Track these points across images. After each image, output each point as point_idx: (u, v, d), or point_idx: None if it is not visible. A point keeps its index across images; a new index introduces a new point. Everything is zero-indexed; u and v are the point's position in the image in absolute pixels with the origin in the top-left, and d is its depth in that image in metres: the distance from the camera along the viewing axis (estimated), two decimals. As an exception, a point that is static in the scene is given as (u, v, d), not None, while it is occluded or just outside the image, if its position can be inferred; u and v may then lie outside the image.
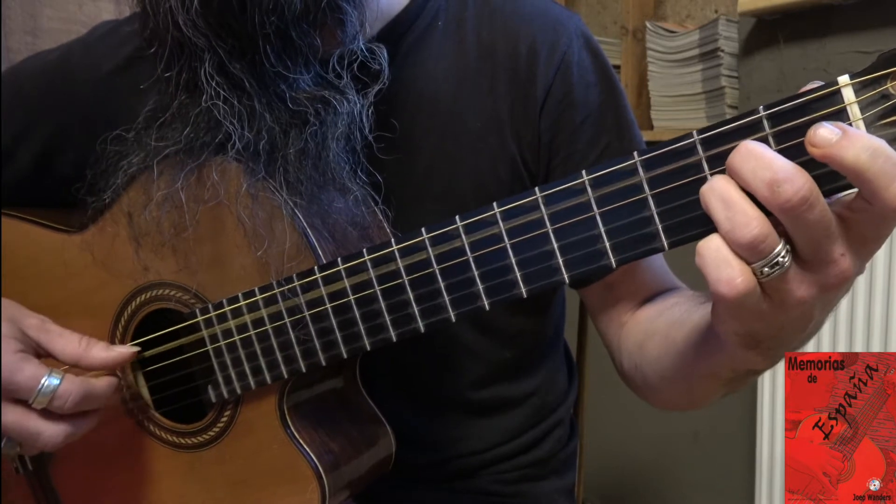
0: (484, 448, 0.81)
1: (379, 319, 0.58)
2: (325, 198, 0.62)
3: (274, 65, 0.60)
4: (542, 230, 0.50)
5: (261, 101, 0.61)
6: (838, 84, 0.41)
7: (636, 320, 0.71)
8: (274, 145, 0.61)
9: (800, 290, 0.42)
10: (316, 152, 0.61)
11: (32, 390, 0.60)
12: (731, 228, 0.41)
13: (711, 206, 0.42)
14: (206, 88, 0.60)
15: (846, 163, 0.38)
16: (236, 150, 0.60)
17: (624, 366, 0.72)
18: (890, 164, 0.38)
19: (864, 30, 1.36)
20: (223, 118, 0.60)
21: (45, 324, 0.65)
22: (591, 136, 0.72)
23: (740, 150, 0.40)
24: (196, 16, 0.58)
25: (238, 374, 0.64)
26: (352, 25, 0.62)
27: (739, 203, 0.41)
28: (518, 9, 0.74)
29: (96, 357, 0.64)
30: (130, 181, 0.65)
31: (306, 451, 0.63)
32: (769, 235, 0.40)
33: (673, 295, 0.71)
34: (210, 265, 0.64)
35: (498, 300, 0.53)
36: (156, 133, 0.64)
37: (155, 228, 0.64)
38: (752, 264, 0.41)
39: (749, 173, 0.40)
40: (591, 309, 0.77)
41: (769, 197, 0.39)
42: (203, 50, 0.60)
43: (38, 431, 0.61)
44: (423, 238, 0.55)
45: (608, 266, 0.48)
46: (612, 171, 0.47)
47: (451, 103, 0.72)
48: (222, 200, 0.61)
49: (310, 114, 0.62)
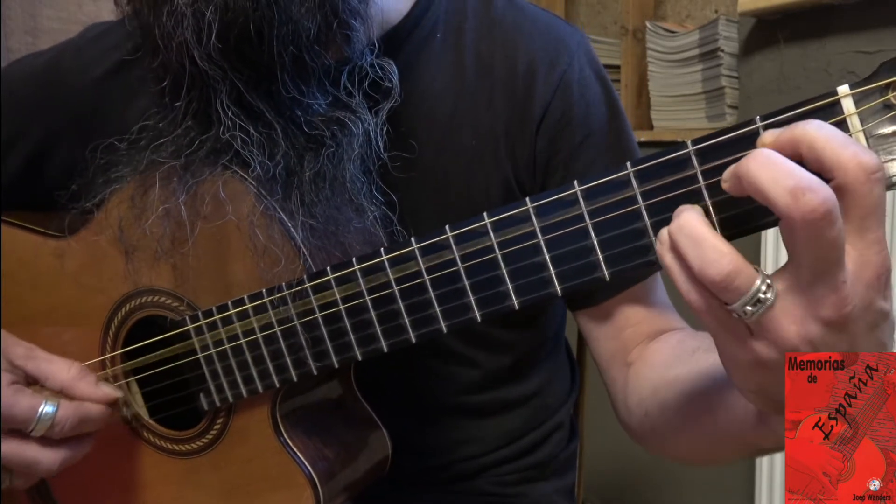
0: (484, 451, 0.81)
1: (370, 330, 0.57)
2: (341, 219, 0.61)
3: (290, 91, 0.60)
4: (534, 241, 0.49)
5: (278, 127, 0.60)
6: (838, 94, 0.40)
7: (648, 363, 0.67)
8: (290, 170, 0.60)
9: (793, 327, 0.39)
10: (332, 174, 0.61)
11: (31, 420, 0.60)
12: (701, 267, 0.38)
13: (681, 246, 0.39)
14: (222, 119, 0.59)
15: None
16: (255, 175, 0.60)
17: (632, 410, 0.68)
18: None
19: (864, 30, 1.35)
20: (241, 147, 0.59)
21: (31, 351, 0.65)
22: (590, 157, 0.70)
23: (757, 157, 0.37)
24: (213, 49, 0.57)
25: (230, 383, 0.64)
26: (358, 40, 0.62)
27: (709, 240, 0.39)
28: (519, 23, 0.72)
29: (83, 392, 0.64)
30: (118, 191, 0.65)
31: (300, 458, 0.63)
32: (743, 271, 0.38)
33: (690, 338, 0.65)
34: (209, 280, 0.63)
35: (489, 312, 0.52)
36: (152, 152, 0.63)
37: (151, 240, 0.63)
38: (733, 305, 0.39)
39: (769, 180, 0.36)
40: (591, 341, 0.74)
41: (791, 205, 0.35)
42: (219, 81, 0.59)
43: (36, 460, 0.61)
44: (412, 248, 0.54)
45: (601, 279, 0.48)
46: (605, 181, 0.46)
47: (449, 119, 0.70)
48: (230, 217, 0.60)
49: (326, 136, 0.61)
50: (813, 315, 0.38)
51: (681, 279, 0.41)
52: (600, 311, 0.71)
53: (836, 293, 0.38)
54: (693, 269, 0.39)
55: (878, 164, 0.36)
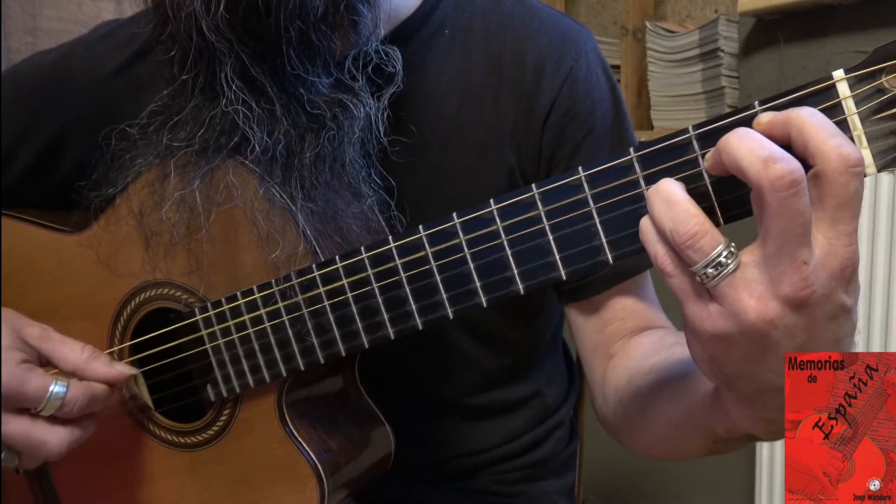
0: (484, 449, 0.81)
1: (377, 317, 0.58)
2: (340, 203, 0.62)
3: (294, 68, 0.60)
4: (539, 226, 0.50)
5: (280, 104, 0.60)
6: (833, 79, 0.41)
7: (628, 355, 0.68)
8: (290, 150, 0.61)
9: (752, 301, 0.40)
10: (332, 156, 0.61)
11: (41, 399, 0.61)
12: (672, 227, 0.40)
13: (654, 206, 0.42)
14: (225, 92, 0.60)
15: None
16: (255, 154, 0.60)
17: (608, 400, 0.69)
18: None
19: (864, 30, 1.36)
20: (242, 122, 0.60)
21: (46, 332, 0.65)
22: (592, 153, 0.70)
23: (738, 131, 0.40)
24: (220, 20, 0.57)
25: (237, 373, 0.64)
26: (365, 27, 0.62)
27: (681, 202, 0.41)
28: (527, 22, 0.73)
29: (97, 370, 0.64)
30: (136, 179, 0.65)
31: (305, 449, 0.63)
32: (709, 233, 0.40)
33: (671, 335, 0.67)
34: (218, 266, 0.64)
35: (496, 297, 0.53)
36: (168, 133, 0.63)
37: (166, 229, 0.64)
38: (695, 266, 0.40)
39: (745, 150, 0.39)
40: (576, 333, 0.75)
41: (762, 171, 0.37)
42: (224, 54, 0.59)
43: (44, 440, 0.62)
44: (420, 236, 0.55)
45: (605, 262, 0.48)
46: (609, 167, 0.47)
47: (455, 115, 0.71)
48: (237, 203, 0.61)
49: (327, 118, 0.61)
50: (773, 292, 0.39)
51: (652, 240, 0.42)
52: (590, 304, 0.72)
53: (798, 272, 0.38)
54: (664, 228, 0.41)
55: (859, 159, 0.38)
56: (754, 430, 0.47)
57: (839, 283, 0.40)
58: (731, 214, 0.44)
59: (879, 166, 0.41)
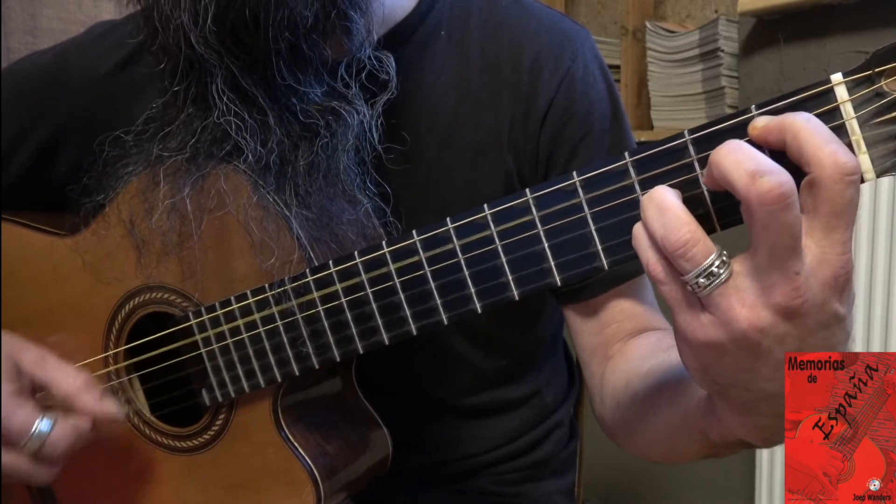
0: (484, 450, 0.81)
1: (371, 322, 0.57)
2: (335, 210, 0.61)
3: (285, 78, 0.60)
4: (534, 231, 0.50)
5: (272, 115, 0.60)
6: (831, 82, 0.41)
7: (626, 357, 0.68)
8: (284, 158, 0.60)
9: (743, 311, 0.39)
10: (326, 164, 0.61)
11: (24, 434, 0.60)
12: (664, 234, 0.40)
13: (647, 213, 0.41)
14: (217, 104, 0.60)
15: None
16: (248, 163, 0.60)
17: (606, 403, 0.69)
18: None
19: (864, 30, 1.35)
20: (235, 133, 0.59)
21: (42, 357, 0.64)
22: (589, 155, 0.70)
23: (726, 144, 0.39)
24: (209, 33, 0.57)
25: (231, 378, 0.64)
26: (358, 33, 0.62)
27: (674, 209, 0.40)
28: (525, 22, 0.72)
29: (86, 404, 0.62)
30: (127, 186, 0.65)
31: (301, 453, 0.63)
32: (701, 241, 0.39)
33: (669, 336, 0.66)
34: (212, 272, 0.63)
35: (490, 303, 0.53)
36: (159, 143, 0.63)
37: (157, 237, 0.63)
38: (687, 275, 0.40)
39: (732, 163, 0.38)
40: (575, 335, 0.75)
41: (749, 186, 0.37)
42: (214, 65, 0.59)
43: (28, 474, 0.61)
44: (414, 241, 0.54)
45: (600, 267, 0.48)
46: (603, 171, 0.46)
47: (452, 117, 0.71)
48: (230, 210, 0.61)
49: (321, 126, 0.61)
50: (764, 302, 0.39)
51: (644, 246, 0.42)
52: (588, 306, 0.72)
53: (790, 282, 0.38)
54: (656, 236, 0.40)
55: (855, 167, 0.37)
56: (748, 437, 0.47)
57: (832, 291, 0.39)
58: (728, 220, 0.44)
59: (878, 171, 0.41)
